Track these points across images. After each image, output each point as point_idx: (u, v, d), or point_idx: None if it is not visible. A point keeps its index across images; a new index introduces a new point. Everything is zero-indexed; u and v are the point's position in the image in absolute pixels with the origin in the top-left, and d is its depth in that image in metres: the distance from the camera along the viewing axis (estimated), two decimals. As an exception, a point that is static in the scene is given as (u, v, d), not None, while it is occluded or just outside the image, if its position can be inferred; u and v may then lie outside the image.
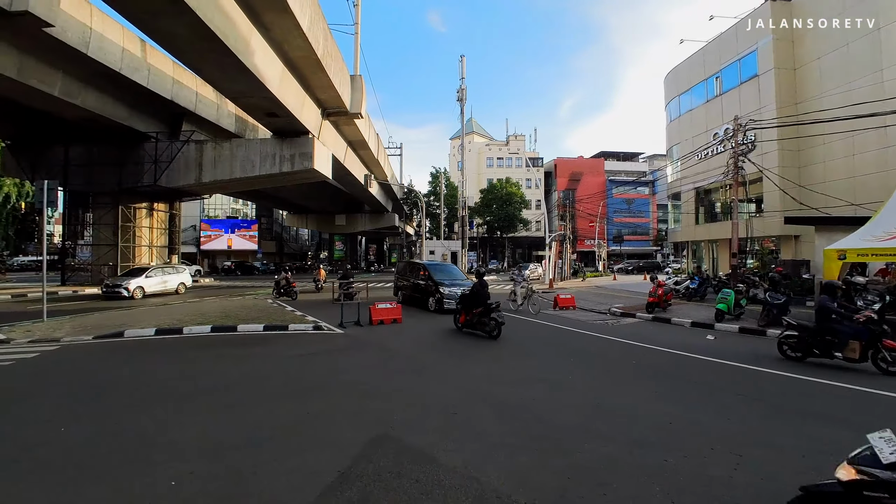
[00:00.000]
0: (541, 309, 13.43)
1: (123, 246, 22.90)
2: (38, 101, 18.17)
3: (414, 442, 3.87)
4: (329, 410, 4.67)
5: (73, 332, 8.77)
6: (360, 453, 3.63)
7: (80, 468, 3.37)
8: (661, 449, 3.76)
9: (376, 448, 3.74)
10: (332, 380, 5.85)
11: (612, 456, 3.63)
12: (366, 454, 3.62)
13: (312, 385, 5.60)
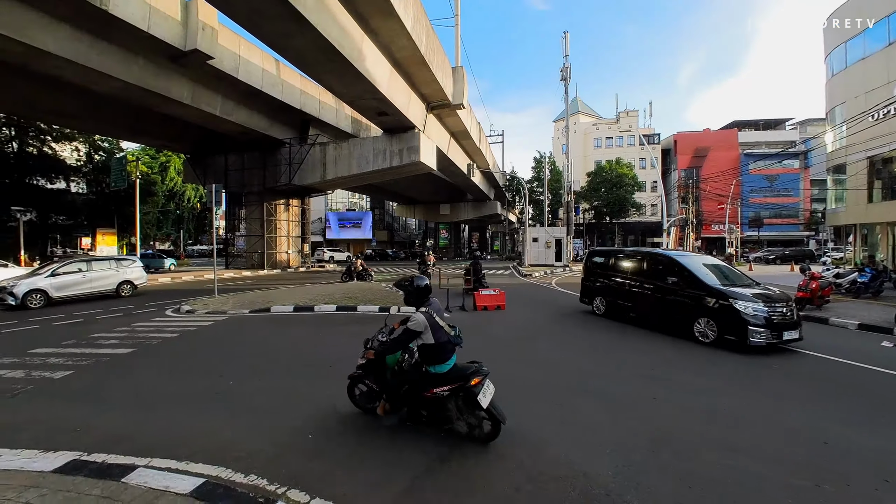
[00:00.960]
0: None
1: (268, 236, 27.31)
2: (205, 121, 22.51)
3: (517, 426, 3.94)
4: (437, 389, 5.01)
5: (235, 307, 10.87)
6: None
7: (243, 413, 4.23)
8: (810, 470, 3.21)
9: (482, 429, 3.92)
10: (439, 361, 6.23)
11: (744, 470, 3.23)
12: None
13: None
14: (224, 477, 3.04)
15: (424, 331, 3.48)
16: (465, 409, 3.60)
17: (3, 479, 2.87)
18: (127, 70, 16.51)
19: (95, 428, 3.92)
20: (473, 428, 3.67)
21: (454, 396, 3.55)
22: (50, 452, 3.34)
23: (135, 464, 3.17)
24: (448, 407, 3.59)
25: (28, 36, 13.55)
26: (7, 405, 4.51)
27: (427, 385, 3.58)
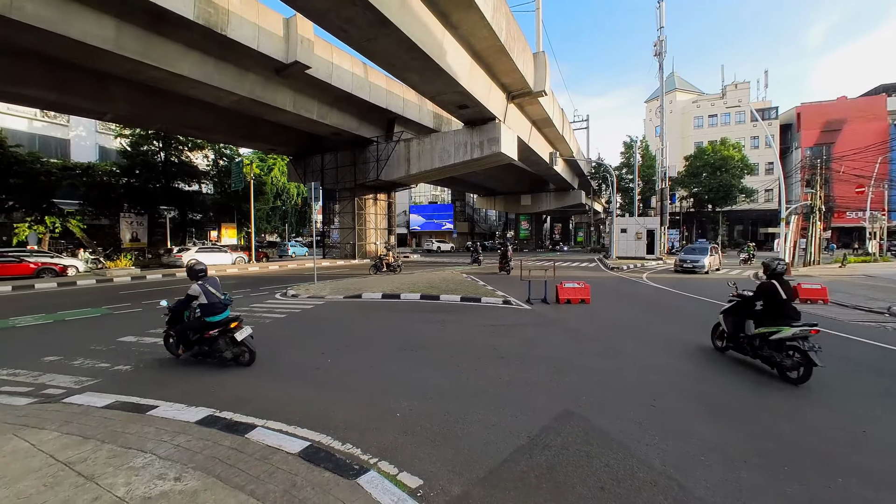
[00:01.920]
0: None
1: (359, 228, 29.43)
2: (304, 125, 24.84)
3: (603, 425, 3.79)
4: (520, 379, 5.00)
5: (332, 293, 11.96)
6: (548, 424, 3.80)
7: (339, 388, 4.67)
8: None
9: (564, 423, 3.84)
10: (522, 352, 6.19)
11: (892, 502, 2.70)
12: (553, 426, 3.76)
13: (505, 354, 6.06)
14: (325, 443, 3.42)
15: (199, 295, 5.38)
16: (230, 344, 5.44)
17: (162, 425, 3.58)
18: (241, 85, 18.92)
19: (224, 391, 4.66)
20: (238, 356, 5.51)
21: (222, 336, 5.42)
22: (192, 407, 4.07)
23: (254, 423, 3.72)
24: (219, 343, 5.44)
25: (170, 64, 16.24)
26: (164, 367, 5.58)
27: (205, 329, 5.42)
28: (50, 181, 23.33)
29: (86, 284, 15.62)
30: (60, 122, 31.67)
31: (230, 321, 5.49)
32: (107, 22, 14.27)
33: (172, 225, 28.06)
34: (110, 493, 2.59)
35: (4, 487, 2.65)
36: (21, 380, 5.10)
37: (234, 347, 5.46)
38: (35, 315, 9.27)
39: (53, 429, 3.47)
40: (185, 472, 2.83)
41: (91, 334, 7.44)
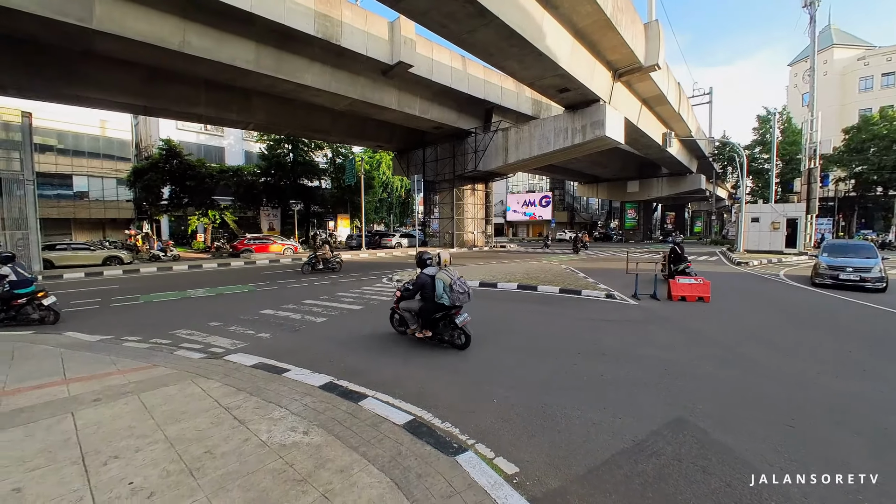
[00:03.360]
0: None
1: (457, 218, 30.23)
2: (407, 122, 26.18)
3: (725, 440, 3.35)
4: (625, 379, 4.68)
5: (432, 282, 12.56)
6: (656, 430, 3.51)
7: (438, 369, 4.91)
8: None
9: (676, 431, 3.50)
10: (626, 349, 5.77)
11: None
12: (663, 433, 3.46)
13: (607, 351, 5.72)
14: (426, 419, 3.66)
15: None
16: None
17: (293, 386, 4.20)
18: (353, 88, 20.67)
19: (341, 361, 5.27)
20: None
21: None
22: (316, 374, 4.70)
23: (365, 393, 4.14)
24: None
25: (297, 76, 18.51)
26: (293, 337, 6.52)
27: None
28: (211, 182, 28.66)
29: (238, 266, 18.91)
30: (217, 134, 38.52)
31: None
32: (249, 46, 16.82)
33: (299, 216, 32.28)
34: (256, 437, 3.15)
35: (185, 421, 3.41)
36: (195, 339, 6.45)
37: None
38: (204, 288, 11.60)
39: (217, 379, 4.34)
40: (311, 427, 3.30)
41: (241, 307, 9.03)
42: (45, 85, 17.74)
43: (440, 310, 5.71)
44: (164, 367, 4.80)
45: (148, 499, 2.44)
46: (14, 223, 15.34)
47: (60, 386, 4.19)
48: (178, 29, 15.01)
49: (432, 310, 5.75)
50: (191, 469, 2.73)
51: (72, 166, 35.33)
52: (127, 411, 3.59)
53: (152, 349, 5.83)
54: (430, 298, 5.73)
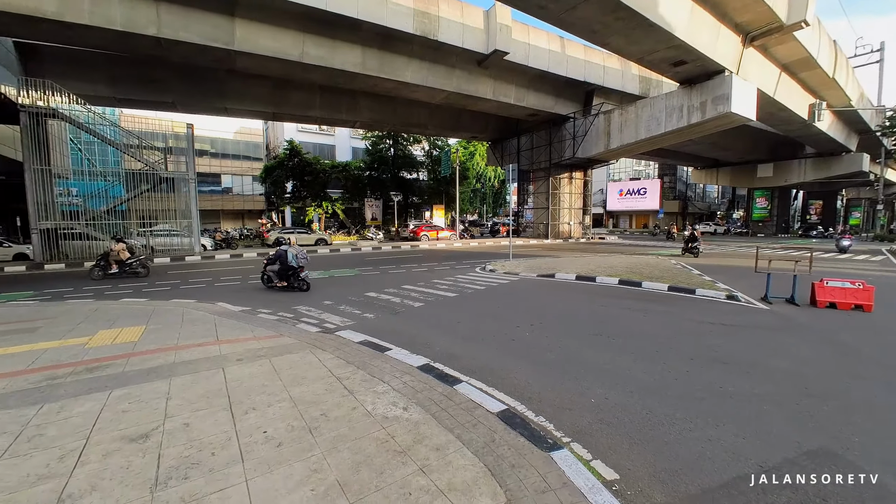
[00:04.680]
0: None
1: (552, 208, 29.13)
2: (502, 111, 25.80)
3: (893, 486, 2.72)
4: (750, 393, 4.07)
5: (526, 270, 12.34)
6: (792, 458, 2.99)
7: (533, 361, 4.82)
8: None
9: (820, 463, 2.93)
10: (753, 360, 5.00)
11: None
12: (801, 463, 2.93)
13: (727, 359, 5.02)
14: (519, 410, 3.64)
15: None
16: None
17: (395, 364, 4.52)
18: (449, 81, 21.03)
19: (437, 345, 5.50)
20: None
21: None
22: (414, 355, 4.98)
23: (460, 378, 4.27)
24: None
25: (398, 74, 19.49)
26: (394, 319, 6.99)
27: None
28: (325, 177, 31.97)
29: (346, 252, 20.88)
30: (329, 133, 42.61)
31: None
32: (356, 50, 18.17)
33: (398, 207, 34.30)
34: (363, 407, 3.47)
35: (305, 385, 3.89)
36: (312, 315, 7.32)
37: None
38: (318, 271, 13.06)
39: (330, 352, 4.87)
40: (410, 405, 3.53)
41: (349, 289, 9.96)
42: (201, 101, 21.51)
43: (290, 269, 9.55)
44: (289, 337, 5.54)
45: (277, 447, 2.86)
46: (182, 213, 19.03)
47: (214, 346, 5.12)
48: (298, 41, 16.87)
49: (286, 269, 9.56)
50: (310, 427, 3.13)
51: (220, 167, 42.48)
52: (261, 372, 4.24)
53: (280, 321, 6.78)
54: (284, 263, 9.51)
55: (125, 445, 2.89)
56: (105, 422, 3.22)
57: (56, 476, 2.56)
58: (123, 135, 18.45)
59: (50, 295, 9.63)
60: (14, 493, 2.41)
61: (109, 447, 2.87)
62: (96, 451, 2.82)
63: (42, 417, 3.30)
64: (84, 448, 2.86)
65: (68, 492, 2.41)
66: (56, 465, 2.67)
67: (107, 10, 13.99)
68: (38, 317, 6.85)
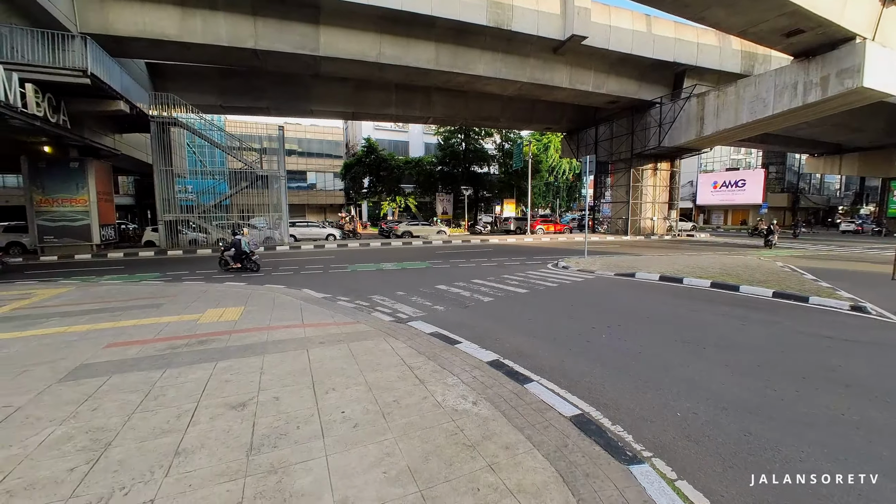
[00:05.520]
0: None
1: (633, 202, 27.15)
2: (578, 99, 24.50)
3: None
4: (885, 425, 3.40)
5: (602, 268, 11.65)
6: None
7: (609, 366, 4.51)
8: None
9: None
10: (887, 385, 4.18)
11: None
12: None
13: (851, 381, 4.24)
14: (594, 416, 3.44)
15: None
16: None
17: (464, 358, 4.54)
18: (522, 72, 20.47)
19: (507, 341, 5.42)
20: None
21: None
22: (483, 350, 4.95)
23: (531, 377, 4.16)
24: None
25: (471, 68, 19.44)
26: (463, 312, 7.03)
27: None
28: (398, 172, 33.23)
29: (417, 244, 21.51)
30: (403, 130, 44.07)
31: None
32: (430, 47, 18.46)
33: (468, 201, 34.48)
34: (433, 398, 3.53)
35: (379, 371, 4.07)
36: (385, 304, 7.65)
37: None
38: (392, 263, 13.63)
39: (402, 341, 5.04)
40: (479, 399, 3.51)
41: (420, 280, 10.24)
42: (290, 104, 23.48)
43: (244, 254, 11.72)
44: (364, 324, 5.84)
45: (353, 427, 3.03)
46: (273, 207, 21.04)
47: (299, 328, 5.58)
48: (375, 43, 17.61)
49: (240, 254, 11.69)
50: (383, 412, 3.26)
51: (306, 165, 46.14)
52: (340, 355, 4.52)
53: (357, 309, 7.19)
54: (238, 248, 11.66)
55: (227, 411, 3.27)
56: (211, 389, 3.67)
57: (174, 431, 2.98)
58: (227, 138, 20.86)
59: (171, 276, 11.27)
60: (144, 442, 2.84)
61: (215, 412, 3.26)
62: (205, 414, 3.22)
63: (164, 381, 3.86)
64: (195, 410, 3.29)
65: (183, 446, 2.79)
66: (174, 422, 3.10)
67: (215, 29, 15.86)
68: (162, 295, 8.04)
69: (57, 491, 2.35)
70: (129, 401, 3.45)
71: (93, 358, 4.48)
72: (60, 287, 9.20)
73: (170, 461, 2.62)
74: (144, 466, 2.57)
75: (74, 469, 2.55)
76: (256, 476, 2.48)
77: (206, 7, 15.55)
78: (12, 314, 6.55)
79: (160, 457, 2.67)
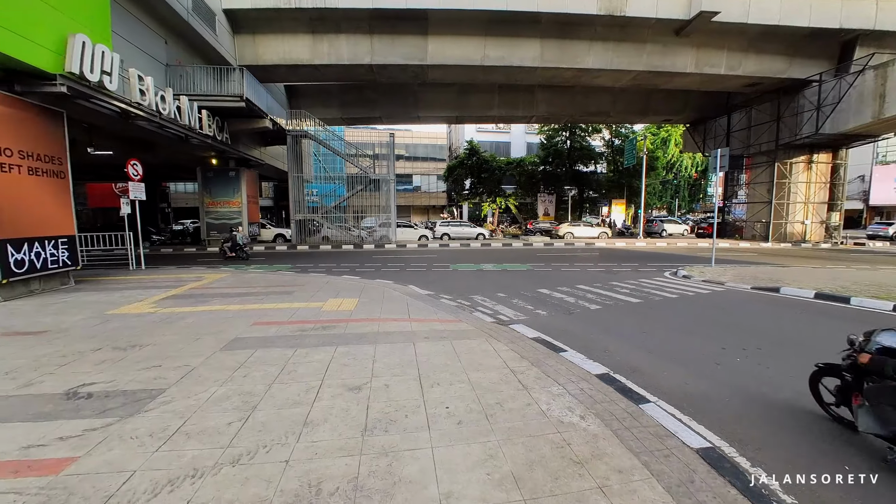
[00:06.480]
0: None
1: (777, 203, 22.88)
2: (706, 85, 21.48)
3: None
4: None
5: (734, 280, 10.02)
6: None
7: (747, 395, 3.82)
8: None
9: None
10: None
11: None
12: None
13: None
14: (727, 453, 2.95)
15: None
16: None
17: (570, 367, 4.29)
18: (638, 60, 18.73)
19: (617, 354, 4.99)
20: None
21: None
22: (591, 361, 4.63)
23: (647, 397, 3.75)
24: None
25: (578, 62, 18.47)
26: (568, 319, 6.69)
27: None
28: (499, 173, 33.19)
29: (517, 246, 21.25)
30: (504, 131, 43.92)
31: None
32: (535, 45, 18.03)
33: (572, 202, 32.86)
34: (537, 405, 3.40)
35: (482, 371, 4.06)
36: (486, 305, 7.67)
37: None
38: (492, 263, 13.66)
39: (504, 343, 4.98)
40: (587, 414, 3.28)
41: (521, 283, 10.06)
42: (400, 112, 25.15)
43: (238, 245, 15.30)
44: (466, 323, 5.93)
45: (457, 424, 3.07)
46: (382, 209, 22.75)
47: (406, 322, 5.90)
48: (480, 46, 17.83)
49: (236, 245, 15.25)
50: (486, 413, 3.25)
51: (412, 168, 48.97)
52: (443, 351, 4.65)
53: (458, 307, 7.35)
54: (234, 241, 15.29)
55: (345, 392, 3.60)
56: (332, 370, 4.09)
57: (303, 404, 3.38)
58: (346, 146, 23.22)
59: (300, 268, 12.93)
60: (280, 409, 3.28)
61: (335, 391, 3.62)
62: (327, 392, 3.59)
63: (296, 358, 4.41)
64: (320, 388, 3.68)
65: (310, 418, 3.14)
66: (303, 395, 3.52)
67: (338, 50, 17.80)
68: (293, 283, 9.26)
69: (218, 440, 2.84)
70: (270, 372, 4.03)
71: (244, 333, 5.34)
72: (221, 273, 11.23)
73: (300, 430, 2.98)
74: (280, 431, 2.96)
75: (231, 424, 3.06)
76: (370, 456, 2.67)
77: (331, 32, 17.53)
78: (190, 293, 8.19)
79: (292, 424, 3.05)
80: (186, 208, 36.71)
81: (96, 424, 3.05)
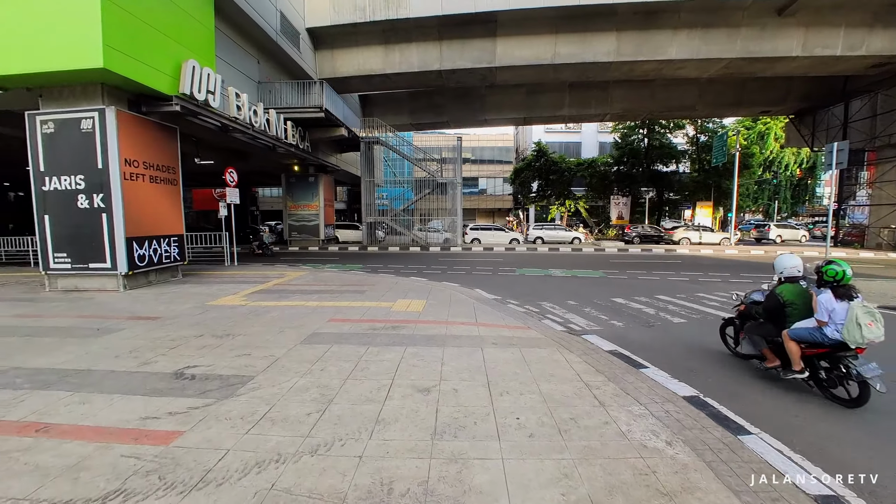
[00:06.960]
0: None
1: (908, 206, 19.28)
2: (816, 69, 18.69)
3: None
4: None
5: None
6: None
7: (884, 431, 3.19)
8: None
9: None
10: None
11: None
12: None
13: None
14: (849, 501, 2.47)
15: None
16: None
17: (652, 386, 3.93)
18: (730, 47, 16.87)
19: (706, 375, 4.48)
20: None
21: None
22: (675, 380, 4.19)
23: (747, 428, 3.28)
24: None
25: (659, 53, 17.12)
26: (647, 332, 6.17)
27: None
28: (569, 175, 31.90)
29: (588, 252, 20.27)
30: (575, 130, 42.18)
31: None
32: (610, 38, 17.05)
33: (650, 205, 30.54)
34: (616, 425, 3.14)
35: (553, 383, 3.87)
36: (556, 312, 7.36)
37: None
38: (561, 269, 13.14)
39: (577, 354, 4.71)
40: (675, 440, 2.95)
41: (593, 291, 9.53)
42: (467, 116, 25.27)
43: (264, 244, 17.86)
44: (535, 331, 5.73)
45: (529, 437, 2.94)
46: (448, 211, 23.02)
47: (473, 326, 5.85)
48: (550, 44, 17.29)
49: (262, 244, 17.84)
50: (560, 428, 3.07)
51: (478, 171, 48.98)
52: (512, 359, 4.52)
53: (526, 314, 7.14)
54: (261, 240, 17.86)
55: (415, 393, 3.63)
56: (402, 370, 4.16)
57: (375, 401, 3.47)
58: (414, 151, 23.89)
59: (370, 269, 13.51)
60: (354, 405, 3.40)
61: (405, 391, 3.67)
62: (398, 392, 3.66)
63: (368, 356, 4.57)
64: (390, 387, 3.76)
65: (382, 416, 3.21)
66: (375, 393, 3.62)
67: (409, 59, 18.39)
68: (365, 283, 9.69)
69: (299, 429, 3.01)
70: (344, 368, 4.21)
71: (321, 328, 5.68)
72: (300, 271, 12.12)
73: (372, 427, 3.06)
74: (354, 426, 3.06)
75: (310, 414, 3.23)
76: (439, 460, 2.65)
77: (402, 41, 18.15)
78: (274, 288, 8.93)
79: (365, 421, 3.14)
80: (272, 211, 40.41)
81: (198, 404, 3.41)
